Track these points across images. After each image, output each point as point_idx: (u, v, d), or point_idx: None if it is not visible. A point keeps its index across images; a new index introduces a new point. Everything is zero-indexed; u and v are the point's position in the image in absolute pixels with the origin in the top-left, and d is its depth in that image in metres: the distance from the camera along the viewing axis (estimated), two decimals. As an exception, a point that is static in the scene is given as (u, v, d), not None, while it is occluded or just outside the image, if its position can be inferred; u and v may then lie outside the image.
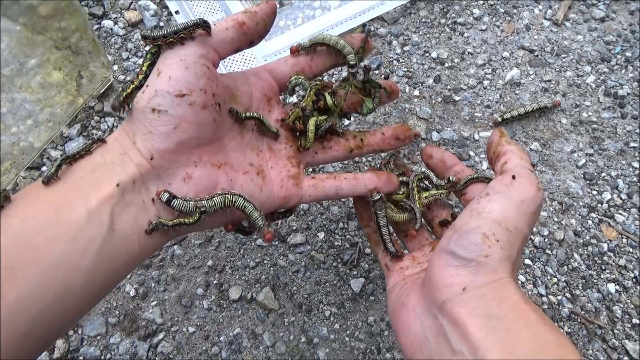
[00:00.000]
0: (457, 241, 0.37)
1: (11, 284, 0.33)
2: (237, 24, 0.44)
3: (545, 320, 0.33)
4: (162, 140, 0.40)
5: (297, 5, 0.84)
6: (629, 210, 0.71)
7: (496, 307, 0.33)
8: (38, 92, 0.75)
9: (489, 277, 0.35)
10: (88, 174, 0.39)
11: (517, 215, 0.37)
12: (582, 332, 0.64)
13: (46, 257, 0.34)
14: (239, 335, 0.64)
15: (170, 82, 0.40)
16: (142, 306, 0.65)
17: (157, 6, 0.84)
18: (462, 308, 0.34)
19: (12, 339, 0.33)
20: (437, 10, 0.86)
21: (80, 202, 0.37)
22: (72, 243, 0.35)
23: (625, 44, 0.83)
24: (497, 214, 0.37)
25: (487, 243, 0.35)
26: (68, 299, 0.36)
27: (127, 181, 0.39)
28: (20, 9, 0.74)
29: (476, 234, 0.36)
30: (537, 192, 0.38)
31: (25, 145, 0.72)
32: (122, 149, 0.40)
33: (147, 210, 0.40)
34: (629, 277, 0.67)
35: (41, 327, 0.35)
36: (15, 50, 0.75)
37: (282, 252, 0.69)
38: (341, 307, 0.66)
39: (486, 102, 0.79)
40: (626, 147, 0.75)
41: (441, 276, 0.36)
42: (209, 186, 0.43)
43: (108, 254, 0.37)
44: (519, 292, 0.34)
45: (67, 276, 0.35)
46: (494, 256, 0.35)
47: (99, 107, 0.76)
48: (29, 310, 0.34)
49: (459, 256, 0.36)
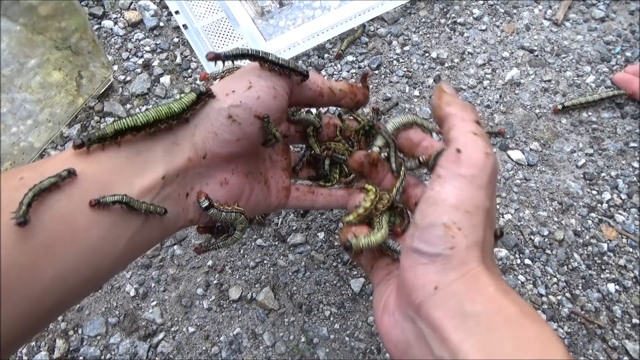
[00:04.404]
0: (419, 237, 0.34)
1: (49, 263, 0.33)
2: (319, 93, 0.46)
3: (525, 310, 0.31)
4: (221, 146, 0.41)
5: (297, 6, 0.84)
6: (628, 210, 0.71)
7: (471, 303, 0.31)
8: (38, 92, 0.75)
9: (459, 271, 0.33)
10: (134, 156, 0.38)
11: (473, 192, 0.34)
12: (582, 332, 0.64)
13: (85, 241, 0.34)
14: (239, 335, 0.64)
15: (256, 102, 0.41)
16: (142, 306, 0.65)
17: (157, 6, 0.84)
18: (436, 310, 0.32)
19: (35, 318, 0.33)
20: (437, 10, 0.86)
21: (124, 188, 0.36)
22: (110, 230, 0.35)
23: (625, 44, 0.83)
24: (453, 198, 0.34)
25: (450, 234, 0.33)
26: (92, 284, 0.37)
27: (172, 174, 0.39)
28: (20, 9, 0.74)
29: (437, 226, 0.34)
30: (486, 159, 0.35)
31: (25, 145, 0.72)
32: (175, 137, 0.40)
33: (179, 203, 0.40)
34: (628, 277, 0.67)
35: (60, 309, 0.36)
36: (15, 50, 0.75)
37: (282, 252, 0.69)
38: (341, 307, 0.66)
39: (486, 102, 0.79)
40: (626, 147, 0.75)
41: (412, 277, 0.34)
42: (237, 193, 0.45)
43: (135, 244, 0.38)
44: (492, 281, 0.32)
45: (97, 261, 0.35)
46: (460, 246, 0.33)
47: (99, 107, 0.76)
48: (58, 291, 0.34)
49: (425, 253, 0.34)
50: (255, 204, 0.47)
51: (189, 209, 0.41)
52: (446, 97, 0.40)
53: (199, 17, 0.82)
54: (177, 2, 0.82)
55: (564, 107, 0.76)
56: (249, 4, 0.83)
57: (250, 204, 0.46)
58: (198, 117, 0.40)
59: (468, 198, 0.34)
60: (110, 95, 0.78)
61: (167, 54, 0.81)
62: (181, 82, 0.80)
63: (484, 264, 0.33)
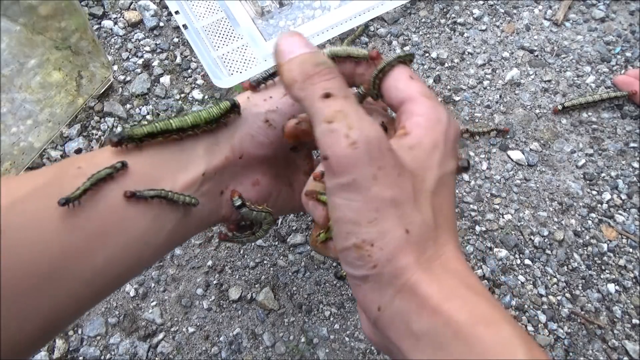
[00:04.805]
0: (343, 261, 0.31)
1: (100, 249, 0.34)
2: None
3: (475, 314, 0.27)
4: (256, 148, 0.42)
5: (297, 6, 0.84)
6: (628, 210, 0.71)
7: (417, 321, 0.28)
8: (38, 92, 0.75)
9: (393, 287, 0.29)
10: (179, 152, 0.40)
11: (363, 197, 0.29)
12: (582, 332, 0.64)
13: (133, 230, 0.36)
14: (239, 335, 0.64)
15: (292, 108, 0.42)
16: (142, 306, 0.65)
17: (157, 6, 0.84)
18: (388, 330, 0.29)
19: (84, 298, 0.35)
20: (437, 11, 0.86)
21: (168, 182, 0.38)
22: (155, 221, 0.37)
23: (625, 44, 0.83)
24: (349, 213, 0.29)
25: (365, 253, 0.29)
26: (133, 271, 0.38)
27: (212, 171, 0.41)
28: (20, 9, 0.74)
29: (349, 249, 0.29)
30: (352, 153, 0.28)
31: (25, 145, 0.72)
32: (215, 139, 0.41)
33: (214, 200, 0.42)
34: (628, 277, 0.67)
35: (105, 292, 0.37)
36: (15, 51, 0.75)
37: (282, 253, 0.69)
38: (341, 307, 0.66)
39: (486, 102, 0.79)
40: (626, 147, 0.75)
41: (358, 297, 0.31)
42: (267, 194, 0.46)
43: (174, 236, 0.39)
44: (433, 289, 0.28)
45: (141, 250, 0.37)
46: (381, 261, 0.29)
47: (99, 107, 0.76)
48: (106, 275, 0.35)
49: (354, 276, 0.30)
50: (282, 206, 0.49)
51: (223, 206, 0.43)
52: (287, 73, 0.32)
53: (199, 17, 0.82)
54: (177, 2, 0.82)
55: (564, 107, 0.76)
56: (249, 4, 0.83)
57: (278, 205, 0.48)
58: (237, 120, 0.42)
59: (362, 207, 0.29)
60: (110, 95, 0.78)
61: (167, 54, 0.81)
62: (181, 82, 0.80)
63: (419, 265, 0.29)
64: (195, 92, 0.79)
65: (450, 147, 0.33)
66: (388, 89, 0.37)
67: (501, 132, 0.76)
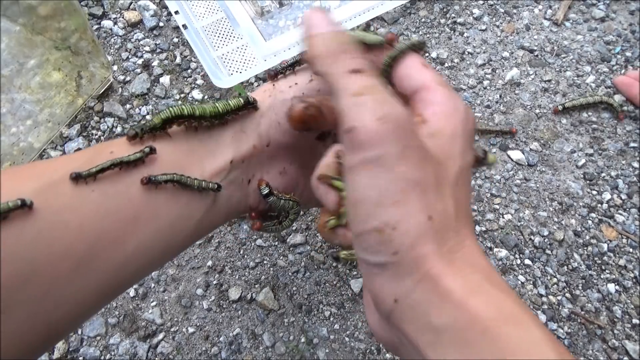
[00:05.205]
0: (359, 247, 0.29)
1: (132, 235, 0.34)
2: None
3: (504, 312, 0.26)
4: (283, 134, 0.41)
5: (297, 5, 0.84)
6: (629, 210, 0.71)
7: (438, 315, 0.26)
8: (37, 92, 0.75)
9: (414, 276, 0.27)
10: (206, 139, 0.39)
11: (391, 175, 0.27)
12: (582, 333, 0.64)
13: (165, 216, 0.36)
14: (239, 335, 0.64)
15: (317, 94, 0.41)
16: (142, 306, 0.65)
17: (157, 6, 0.84)
18: (405, 323, 0.27)
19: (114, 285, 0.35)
20: (436, 10, 0.86)
21: (197, 169, 0.38)
22: (185, 208, 0.37)
23: (625, 44, 0.83)
24: (372, 193, 0.27)
25: (386, 238, 0.27)
26: (162, 259, 0.38)
27: (239, 159, 0.40)
28: (19, 9, 0.74)
29: (369, 232, 0.28)
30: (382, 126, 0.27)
31: (25, 145, 0.72)
32: (242, 126, 0.41)
33: (241, 189, 0.42)
34: (629, 277, 0.67)
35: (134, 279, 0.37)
36: (15, 51, 0.75)
37: (281, 253, 0.69)
38: (341, 308, 0.66)
39: (486, 102, 0.79)
40: (626, 147, 0.75)
41: (371, 289, 0.29)
42: (293, 184, 0.45)
43: (203, 223, 0.39)
44: (456, 283, 0.26)
45: (171, 237, 0.37)
46: (403, 248, 0.27)
47: (99, 107, 0.76)
48: (137, 262, 0.35)
49: (371, 263, 0.29)
50: (308, 196, 0.48)
51: (250, 195, 0.43)
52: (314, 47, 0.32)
53: (198, 17, 0.82)
54: (176, 3, 0.82)
55: (565, 108, 0.76)
56: (249, 4, 0.83)
57: (304, 197, 0.47)
58: (263, 108, 0.42)
59: (388, 185, 0.27)
60: (109, 96, 0.78)
61: (167, 54, 0.81)
62: (181, 82, 0.79)
63: (441, 255, 0.27)
64: (195, 92, 0.79)
65: (468, 137, 0.32)
66: (400, 77, 0.36)
67: (508, 134, 0.76)
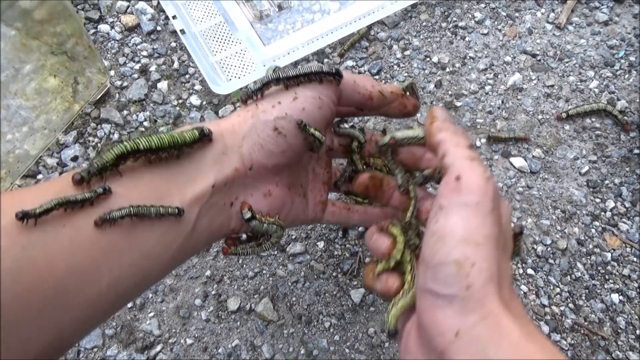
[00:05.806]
0: (432, 277, 0.32)
1: (107, 269, 0.34)
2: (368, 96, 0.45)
3: (554, 356, 0.30)
4: (266, 157, 0.41)
5: (296, 9, 0.83)
6: (632, 218, 0.70)
7: (495, 351, 0.29)
8: (33, 98, 0.74)
9: (478, 313, 0.30)
10: (187, 164, 0.39)
11: (480, 221, 0.32)
12: (586, 344, 0.64)
13: (140, 246, 0.35)
14: (238, 347, 0.63)
15: (302, 113, 0.41)
16: (140, 317, 0.64)
17: (154, 10, 0.83)
18: (461, 357, 0.30)
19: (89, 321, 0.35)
20: (438, 14, 0.84)
21: (177, 196, 0.37)
22: (163, 237, 0.36)
23: (629, 48, 0.82)
24: (460, 230, 0.32)
25: (463, 272, 0.31)
26: (141, 289, 0.38)
27: (221, 183, 0.40)
28: (15, 14, 0.73)
29: (448, 264, 0.31)
30: (487, 183, 0.33)
31: (21, 152, 0.71)
32: (224, 148, 0.40)
33: (223, 212, 0.41)
34: (632, 287, 0.66)
35: (111, 312, 0.37)
36: (11, 56, 0.74)
37: (281, 262, 0.68)
38: (341, 318, 0.65)
39: (488, 107, 0.78)
40: (630, 153, 0.74)
41: (431, 322, 0.32)
42: (280, 205, 0.45)
43: (184, 249, 0.39)
44: (515, 325, 0.30)
45: (149, 267, 0.36)
46: (476, 285, 0.30)
47: (96, 113, 0.75)
48: (112, 295, 0.35)
49: (440, 294, 0.32)
50: (295, 217, 0.48)
51: (232, 218, 0.42)
52: (437, 124, 0.39)
53: (196, 21, 0.81)
54: (173, 6, 0.81)
55: (569, 115, 0.75)
56: (248, 8, 0.82)
57: (290, 217, 0.47)
58: (245, 129, 0.41)
59: (476, 228, 0.32)
60: (106, 102, 0.77)
61: (165, 59, 0.80)
62: (179, 88, 0.78)
63: (503, 301, 0.31)
64: (193, 97, 0.78)
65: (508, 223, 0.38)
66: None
67: (523, 140, 0.75)
